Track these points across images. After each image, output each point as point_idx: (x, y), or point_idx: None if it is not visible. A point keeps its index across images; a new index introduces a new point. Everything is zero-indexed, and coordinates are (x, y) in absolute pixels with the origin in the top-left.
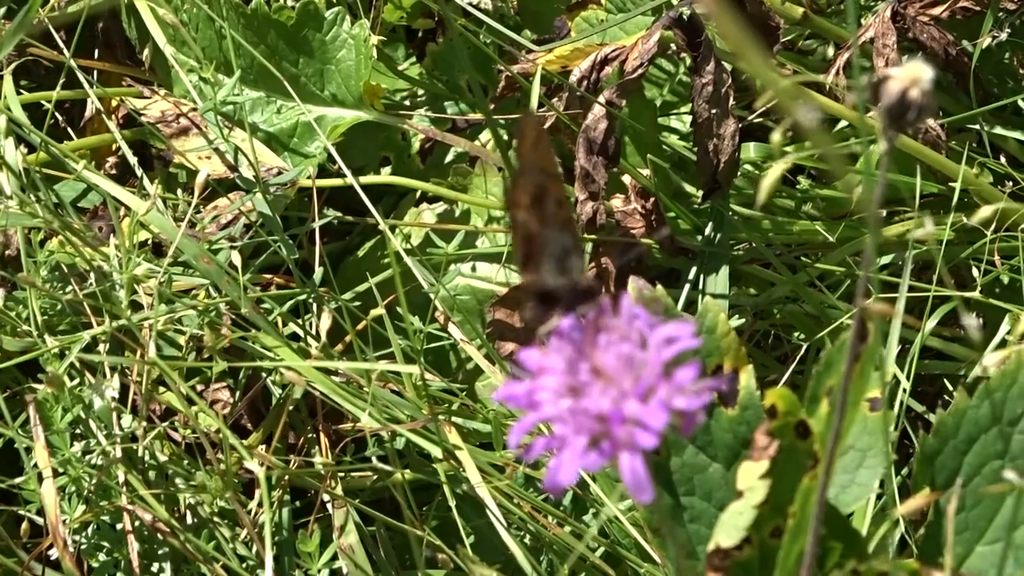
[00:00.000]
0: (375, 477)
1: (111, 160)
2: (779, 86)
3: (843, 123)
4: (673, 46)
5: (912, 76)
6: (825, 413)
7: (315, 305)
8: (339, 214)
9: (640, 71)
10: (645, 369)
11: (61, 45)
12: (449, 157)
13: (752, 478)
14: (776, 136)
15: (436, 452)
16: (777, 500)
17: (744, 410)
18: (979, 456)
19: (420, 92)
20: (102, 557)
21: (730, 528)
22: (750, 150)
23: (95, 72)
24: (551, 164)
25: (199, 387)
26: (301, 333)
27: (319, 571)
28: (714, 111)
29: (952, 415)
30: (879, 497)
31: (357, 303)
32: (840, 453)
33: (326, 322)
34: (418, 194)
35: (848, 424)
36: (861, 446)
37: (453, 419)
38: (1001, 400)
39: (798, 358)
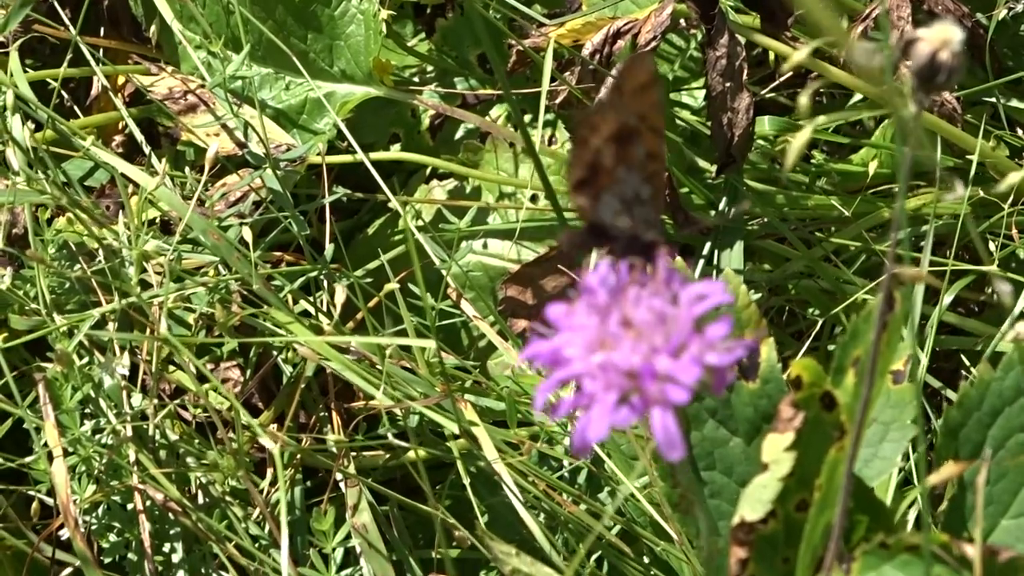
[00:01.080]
0: (388, 456)
1: (118, 139)
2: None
3: (857, 96)
4: (683, 21)
5: (942, 38)
6: (851, 384)
7: (326, 282)
8: (349, 191)
9: (653, 44)
10: (676, 325)
11: (67, 22)
12: (459, 134)
13: (777, 450)
14: (803, 98)
15: (450, 429)
16: (803, 473)
17: (765, 383)
18: (1004, 429)
19: (430, 68)
20: (113, 538)
21: (755, 501)
22: (764, 124)
23: (101, 50)
24: (653, 115)
25: (209, 366)
26: (312, 310)
27: (333, 550)
28: (728, 84)
29: (976, 387)
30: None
31: (368, 280)
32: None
33: (340, 295)
34: (428, 171)
35: (876, 394)
36: (884, 419)
37: (467, 397)
38: None
39: (813, 334)
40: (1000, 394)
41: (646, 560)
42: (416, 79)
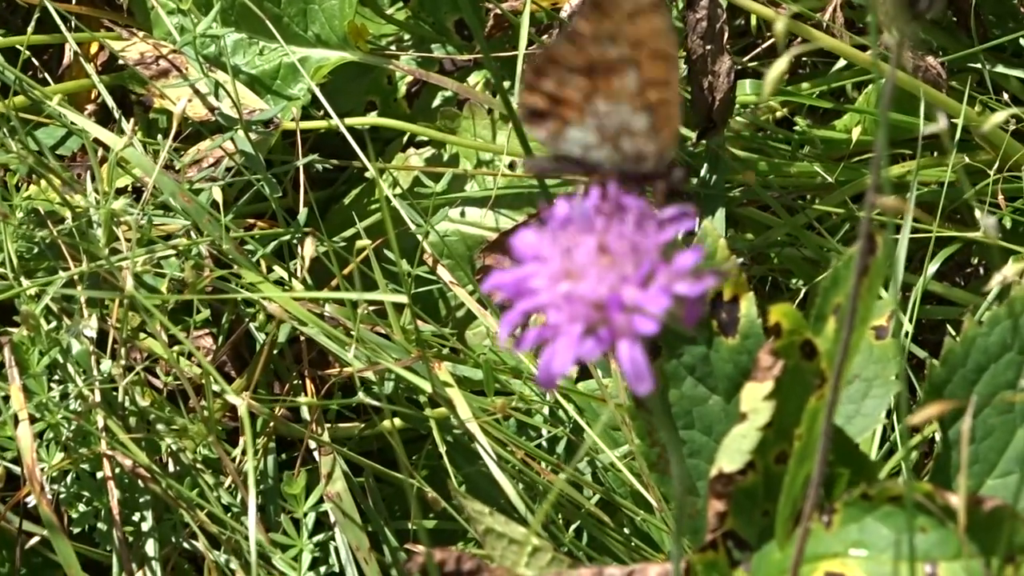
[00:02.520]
0: (363, 426)
1: (90, 108)
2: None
3: (841, 62)
4: None
5: None
6: (832, 331)
7: (300, 247)
8: (324, 159)
9: None
10: (644, 254)
11: None
12: (436, 101)
13: (756, 399)
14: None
15: (426, 399)
16: (782, 424)
17: (745, 339)
18: (989, 386)
19: (407, 37)
20: (82, 507)
21: (733, 452)
22: (746, 87)
23: (72, 20)
24: (655, 40)
25: (181, 335)
26: (286, 276)
27: (305, 515)
28: (708, 47)
29: (961, 343)
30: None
31: (343, 245)
32: (845, 383)
33: (309, 249)
34: (405, 140)
35: (857, 340)
36: (867, 375)
37: (443, 364)
38: (1011, 327)
39: (796, 303)
40: (985, 350)
41: (626, 531)
42: (393, 47)
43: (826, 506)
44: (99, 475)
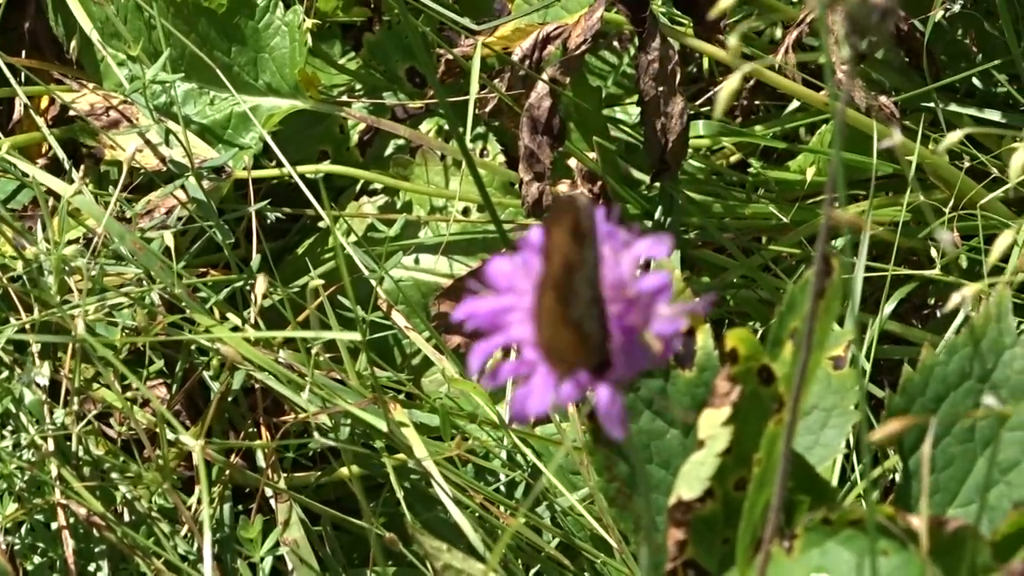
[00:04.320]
0: (319, 474)
1: (41, 161)
2: None
3: (795, 103)
4: (616, 43)
5: None
6: (789, 355)
7: (253, 295)
8: (277, 208)
9: (583, 48)
10: (623, 292)
11: None
12: (389, 150)
13: (714, 425)
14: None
15: (383, 445)
16: (741, 450)
17: (702, 371)
18: (949, 415)
19: (358, 86)
20: (37, 559)
21: (692, 479)
22: (699, 128)
23: (22, 73)
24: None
25: (135, 386)
26: (239, 322)
27: (261, 559)
28: (661, 89)
29: (920, 372)
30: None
31: (296, 290)
32: (803, 413)
33: (261, 287)
34: (358, 189)
35: (815, 364)
36: (825, 406)
37: (399, 407)
38: (970, 356)
39: None
40: (944, 379)
41: (587, 575)
42: (345, 96)
43: (787, 532)
44: (54, 525)
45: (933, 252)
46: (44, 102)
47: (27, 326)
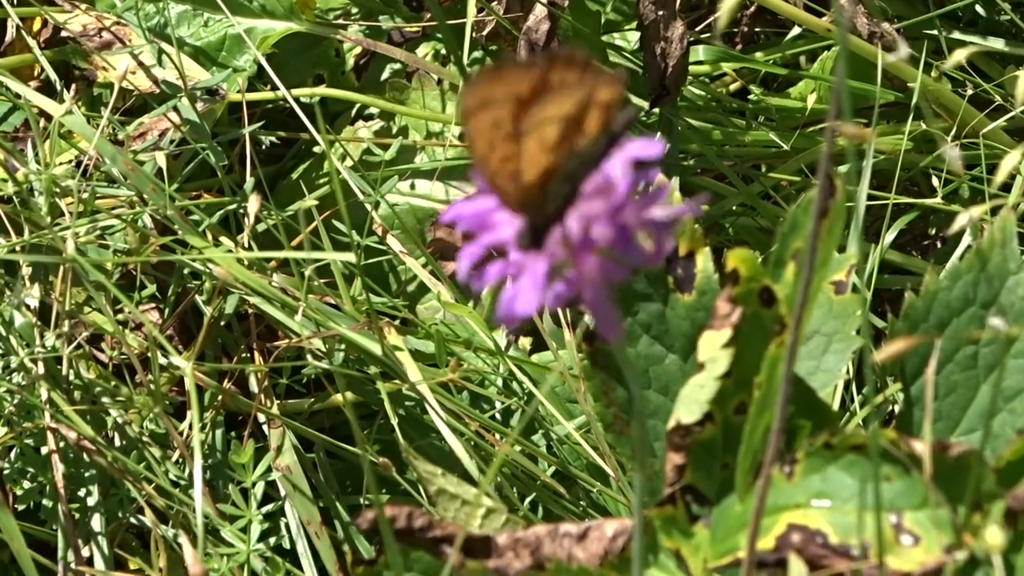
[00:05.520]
0: (312, 400)
1: (33, 83)
2: None
3: (795, 30)
4: None
5: None
6: (791, 276)
7: (246, 217)
8: (271, 132)
9: None
10: (614, 191)
11: None
12: (385, 74)
13: (714, 348)
14: None
15: (377, 371)
16: (741, 374)
17: (702, 295)
18: (951, 341)
19: (354, 9)
20: (27, 484)
21: (691, 403)
22: (699, 53)
23: None
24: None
25: (126, 309)
26: (233, 246)
27: (253, 485)
28: (660, 12)
29: (923, 298)
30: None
31: (290, 215)
32: (804, 338)
33: (254, 206)
34: (353, 113)
35: (817, 285)
36: (827, 331)
37: (394, 332)
38: (974, 281)
39: None
40: (948, 305)
41: (582, 504)
42: (341, 19)
43: (787, 457)
44: (44, 450)
45: (935, 181)
46: (37, 23)
47: (17, 247)
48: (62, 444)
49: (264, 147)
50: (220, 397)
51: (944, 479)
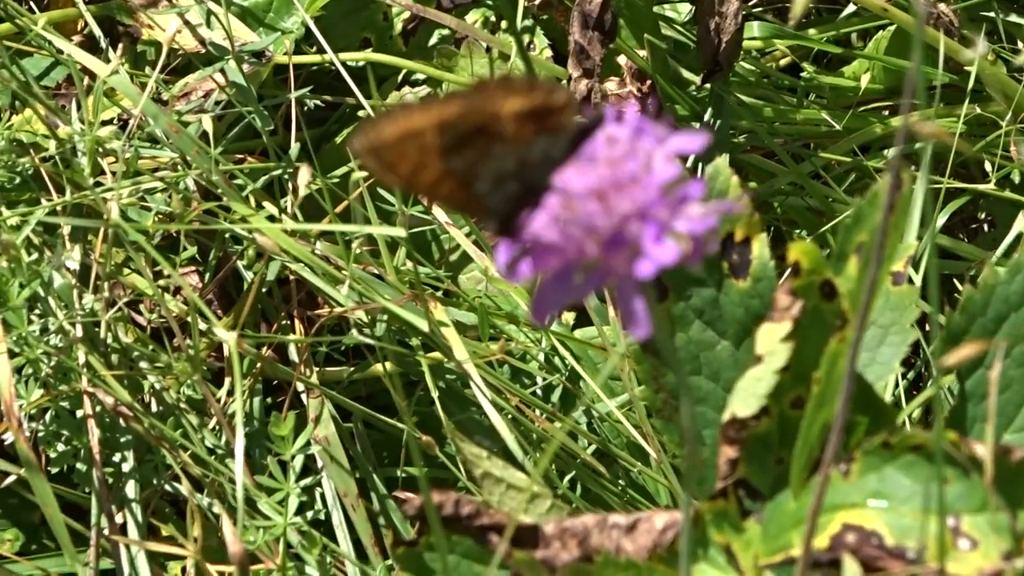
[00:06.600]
0: (352, 369)
1: (76, 39)
2: None
3: (850, 7)
4: None
5: None
6: (854, 270)
7: (292, 181)
8: (318, 96)
9: None
10: (649, 189)
11: None
12: (433, 40)
13: (772, 341)
14: None
15: (418, 343)
16: (800, 367)
17: (757, 282)
18: (1009, 336)
19: None
20: (61, 447)
21: (748, 396)
22: (754, 30)
23: None
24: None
25: (167, 273)
26: (276, 212)
27: (293, 457)
28: None
29: (981, 291)
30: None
31: (336, 182)
32: None
33: (304, 177)
34: (400, 79)
35: (882, 280)
36: (883, 322)
37: (440, 306)
38: None
39: None
40: (1006, 299)
41: (622, 483)
42: None
43: (844, 455)
44: (79, 413)
45: (987, 166)
46: None
47: (58, 208)
48: (98, 408)
49: (308, 109)
50: (259, 365)
51: (1005, 483)
